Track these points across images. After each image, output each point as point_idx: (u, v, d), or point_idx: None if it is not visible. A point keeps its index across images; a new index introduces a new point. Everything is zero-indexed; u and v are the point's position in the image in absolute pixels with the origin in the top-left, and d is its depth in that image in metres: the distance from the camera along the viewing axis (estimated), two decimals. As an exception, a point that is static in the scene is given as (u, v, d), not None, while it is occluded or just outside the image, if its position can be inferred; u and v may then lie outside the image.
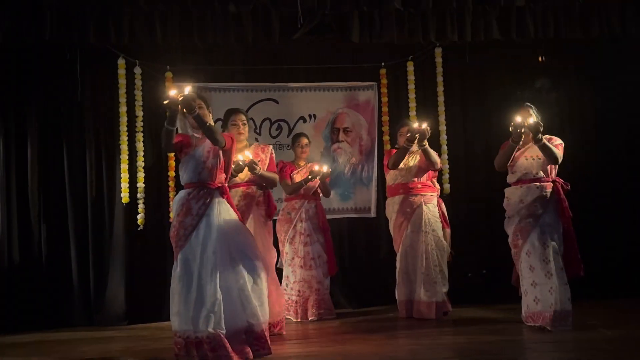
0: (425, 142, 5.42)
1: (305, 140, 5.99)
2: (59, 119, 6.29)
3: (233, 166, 4.59)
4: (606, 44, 6.49)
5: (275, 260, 5.31)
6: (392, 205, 5.72)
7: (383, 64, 6.75)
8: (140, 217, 6.26)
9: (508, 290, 5.35)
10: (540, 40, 6.27)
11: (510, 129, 4.69)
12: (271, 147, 5.28)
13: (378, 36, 6.09)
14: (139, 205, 6.27)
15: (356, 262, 6.74)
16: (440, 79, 6.69)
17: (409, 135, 5.38)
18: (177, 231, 4.12)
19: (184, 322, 4.00)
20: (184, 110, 4.02)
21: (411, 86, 6.73)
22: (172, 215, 5.93)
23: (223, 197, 4.25)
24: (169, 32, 5.85)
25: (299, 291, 5.80)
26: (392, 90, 6.81)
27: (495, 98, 6.81)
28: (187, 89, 4.03)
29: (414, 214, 5.59)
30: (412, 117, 6.61)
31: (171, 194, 6.27)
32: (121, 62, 6.26)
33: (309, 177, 5.70)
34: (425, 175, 5.72)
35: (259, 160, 4.95)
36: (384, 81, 6.76)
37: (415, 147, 5.52)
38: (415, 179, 5.66)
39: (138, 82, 6.32)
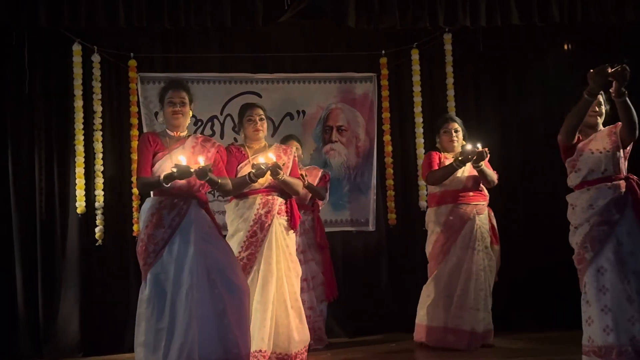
0: (482, 162, 5.39)
1: (296, 145, 5.92)
2: (3, 114, 6.20)
3: (254, 170, 4.61)
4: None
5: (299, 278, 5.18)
6: (437, 217, 5.63)
7: (383, 52, 6.73)
8: (98, 231, 6.22)
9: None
10: (566, 25, 6.28)
11: (460, 157, 5.31)
12: (294, 148, 5.33)
13: (378, 20, 6.08)
14: (97, 217, 6.22)
15: (352, 282, 6.67)
16: (449, 69, 6.70)
17: (461, 158, 5.33)
18: (146, 246, 4.08)
19: (150, 354, 3.95)
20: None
21: (416, 78, 6.72)
22: (136, 227, 6.07)
23: (202, 208, 4.26)
24: (134, 13, 5.79)
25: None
26: (393, 83, 6.79)
27: (514, 92, 6.85)
28: (201, 159, 4.16)
29: (464, 227, 5.52)
30: (417, 113, 6.67)
31: (135, 203, 6.26)
32: (77, 48, 6.21)
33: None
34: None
35: (282, 164, 4.89)
36: (385, 72, 6.74)
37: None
38: (467, 187, 5.60)
39: (96, 72, 6.27)
